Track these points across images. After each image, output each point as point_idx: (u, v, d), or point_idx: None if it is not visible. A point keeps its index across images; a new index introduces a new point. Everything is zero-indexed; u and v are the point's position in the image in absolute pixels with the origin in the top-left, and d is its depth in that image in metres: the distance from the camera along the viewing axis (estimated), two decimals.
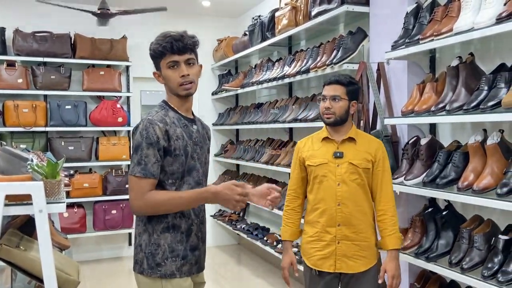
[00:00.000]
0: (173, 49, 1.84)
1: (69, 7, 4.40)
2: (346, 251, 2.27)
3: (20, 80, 4.73)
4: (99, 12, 4.32)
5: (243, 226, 5.01)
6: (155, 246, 1.84)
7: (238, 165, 5.67)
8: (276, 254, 4.15)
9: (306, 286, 2.46)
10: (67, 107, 4.92)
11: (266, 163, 4.28)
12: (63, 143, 4.91)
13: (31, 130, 4.75)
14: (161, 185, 1.83)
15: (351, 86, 2.33)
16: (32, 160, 1.96)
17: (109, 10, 4.43)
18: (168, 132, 1.81)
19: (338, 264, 2.28)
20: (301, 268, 2.53)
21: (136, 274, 1.89)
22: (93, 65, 5.12)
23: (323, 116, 2.35)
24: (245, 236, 4.86)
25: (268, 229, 4.86)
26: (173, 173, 1.84)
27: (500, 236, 2.12)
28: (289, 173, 4.36)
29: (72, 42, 5.01)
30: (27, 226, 2.13)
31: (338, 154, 2.30)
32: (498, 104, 2.04)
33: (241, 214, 5.44)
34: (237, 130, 5.79)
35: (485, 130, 2.31)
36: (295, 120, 3.79)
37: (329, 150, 2.33)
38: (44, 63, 4.88)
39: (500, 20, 2.00)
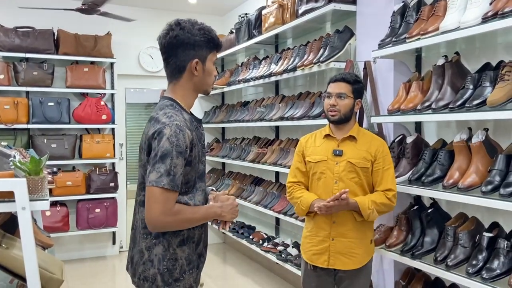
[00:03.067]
0: (221, 47, 1.82)
1: (54, 9, 4.33)
2: (340, 248, 2.30)
3: (1, 76, 4.63)
4: (84, 7, 4.25)
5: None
6: (172, 262, 1.68)
7: (224, 164, 5.65)
8: (262, 253, 4.15)
9: (302, 280, 2.50)
10: (49, 104, 4.83)
11: (252, 161, 4.26)
12: (45, 141, 4.83)
13: (12, 127, 4.66)
14: None
15: (356, 85, 2.37)
16: (14, 157, 1.91)
17: (97, 5, 4.34)
18: (192, 141, 1.65)
19: (332, 260, 2.31)
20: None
21: None
22: (77, 62, 5.04)
23: (328, 113, 2.37)
24: (230, 234, 4.84)
25: (254, 228, 4.85)
26: (188, 181, 1.69)
27: (484, 233, 2.14)
28: (275, 172, 4.39)
29: (55, 38, 4.93)
30: (9, 224, 2.09)
31: (337, 152, 2.33)
32: (483, 102, 2.07)
33: (216, 225, 5.39)
34: (223, 128, 5.77)
35: (470, 129, 2.33)
36: (281, 118, 3.79)
37: (329, 147, 2.36)
38: (26, 59, 4.79)
39: (485, 19, 2.02)
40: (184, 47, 1.68)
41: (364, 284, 2.39)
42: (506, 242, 2.02)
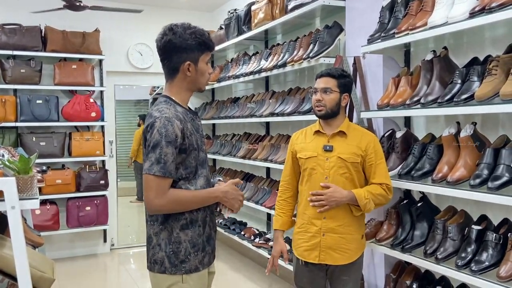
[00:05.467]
0: (214, 47, 1.95)
1: (54, 10, 4.31)
2: (331, 244, 2.31)
3: None
4: (77, 4, 4.22)
5: (220, 220, 5.00)
6: (176, 244, 1.84)
7: (214, 160, 5.65)
8: (254, 249, 4.16)
9: (294, 276, 2.52)
10: (38, 101, 4.78)
11: (243, 157, 4.27)
12: (34, 139, 4.78)
13: (0, 125, 4.60)
14: (173, 181, 1.81)
15: (342, 79, 2.36)
16: (3, 156, 1.90)
17: (81, 2, 4.32)
18: (183, 130, 1.79)
19: (323, 256, 2.32)
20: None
21: (155, 273, 1.86)
22: (65, 59, 4.99)
23: (315, 109, 2.38)
24: (222, 230, 4.84)
25: (245, 224, 4.86)
26: (187, 167, 1.84)
27: (473, 226, 2.17)
28: (266, 168, 4.40)
29: (43, 35, 4.87)
30: None
31: (327, 147, 2.33)
32: (471, 97, 2.09)
33: (217, 209, 5.41)
34: (214, 124, 5.76)
35: (458, 123, 2.36)
36: (272, 114, 3.80)
37: (319, 143, 2.37)
38: (14, 56, 4.73)
39: (473, 14, 2.04)
40: (177, 50, 1.83)
41: (356, 279, 2.41)
42: (494, 234, 2.05)
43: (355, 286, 2.40)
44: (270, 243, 4.03)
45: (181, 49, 1.83)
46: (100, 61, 5.22)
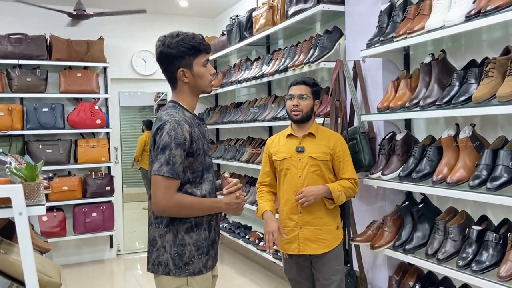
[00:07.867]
0: (209, 48, 1.95)
1: (45, 7, 4.35)
2: (308, 235, 2.52)
3: None
4: (75, 13, 4.28)
5: (225, 225, 5.03)
6: (181, 247, 1.87)
7: (219, 165, 5.68)
8: (259, 252, 4.18)
9: (283, 269, 2.74)
10: (44, 109, 4.85)
11: (247, 162, 4.30)
12: (40, 146, 4.85)
13: (7, 134, 4.67)
14: (180, 185, 1.84)
15: (315, 87, 2.62)
16: (10, 163, 1.94)
17: (85, 11, 4.39)
18: (191, 134, 1.84)
19: (302, 247, 2.53)
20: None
21: (160, 275, 1.89)
22: (70, 67, 5.05)
23: (291, 114, 2.59)
24: (227, 235, 4.87)
25: (250, 228, 4.89)
26: (194, 171, 1.88)
27: (473, 227, 2.19)
28: None
29: (48, 44, 4.94)
30: (6, 230, 2.12)
31: (299, 148, 2.56)
32: (469, 99, 2.11)
33: (222, 213, 5.44)
34: (217, 129, 5.80)
35: (457, 125, 2.38)
36: (274, 118, 3.83)
37: (292, 145, 2.59)
38: (20, 66, 4.80)
39: (469, 17, 2.07)
40: (168, 60, 1.89)
41: (336, 265, 2.56)
42: (494, 234, 2.07)
43: (338, 274, 2.55)
44: (275, 247, 4.04)
45: (172, 57, 1.87)
46: (105, 68, 5.29)
